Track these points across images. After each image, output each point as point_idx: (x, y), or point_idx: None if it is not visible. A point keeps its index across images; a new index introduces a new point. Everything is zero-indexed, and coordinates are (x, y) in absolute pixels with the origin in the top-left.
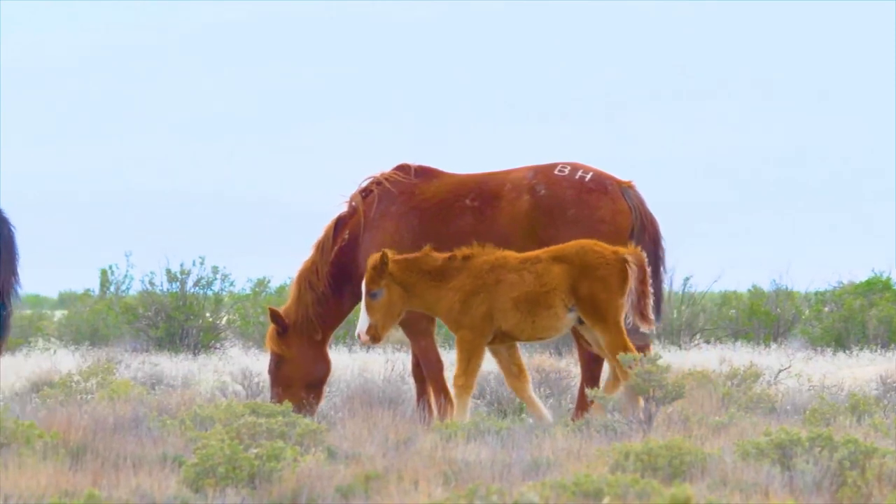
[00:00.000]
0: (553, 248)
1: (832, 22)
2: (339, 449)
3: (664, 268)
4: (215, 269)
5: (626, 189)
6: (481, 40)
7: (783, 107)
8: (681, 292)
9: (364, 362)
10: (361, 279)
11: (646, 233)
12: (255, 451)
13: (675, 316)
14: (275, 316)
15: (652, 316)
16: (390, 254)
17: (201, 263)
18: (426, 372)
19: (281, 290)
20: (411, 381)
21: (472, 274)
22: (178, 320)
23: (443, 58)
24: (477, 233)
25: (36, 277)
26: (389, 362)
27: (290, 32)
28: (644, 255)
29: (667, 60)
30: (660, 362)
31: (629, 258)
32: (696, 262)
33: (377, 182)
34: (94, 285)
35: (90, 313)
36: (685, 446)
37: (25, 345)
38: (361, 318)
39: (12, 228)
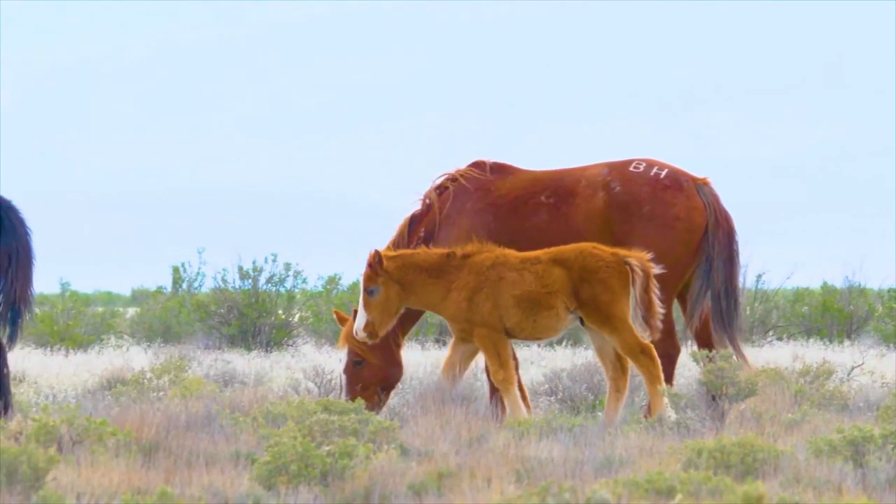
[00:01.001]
0: (553, 249)
1: None
2: (412, 446)
3: (739, 262)
4: (287, 267)
5: (700, 186)
6: (556, 38)
7: (857, 105)
8: (754, 289)
9: (437, 359)
10: None
11: (720, 229)
12: (327, 448)
13: (748, 313)
14: (341, 318)
15: (658, 325)
16: (384, 251)
17: (273, 261)
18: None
19: (353, 287)
20: (484, 378)
21: (474, 271)
22: (250, 317)
23: (517, 56)
24: (552, 230)
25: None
26: None
27: (361, 30)
28: (650, 262)
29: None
30: (733, 359)
31: (633, 262)
32: (768, 259)
33: (452, 179)
34: (167, 282)
35: (162, 310)
36: (758, 444)
37: (98, 342)
38: (358, 316)
39: (29, 232)
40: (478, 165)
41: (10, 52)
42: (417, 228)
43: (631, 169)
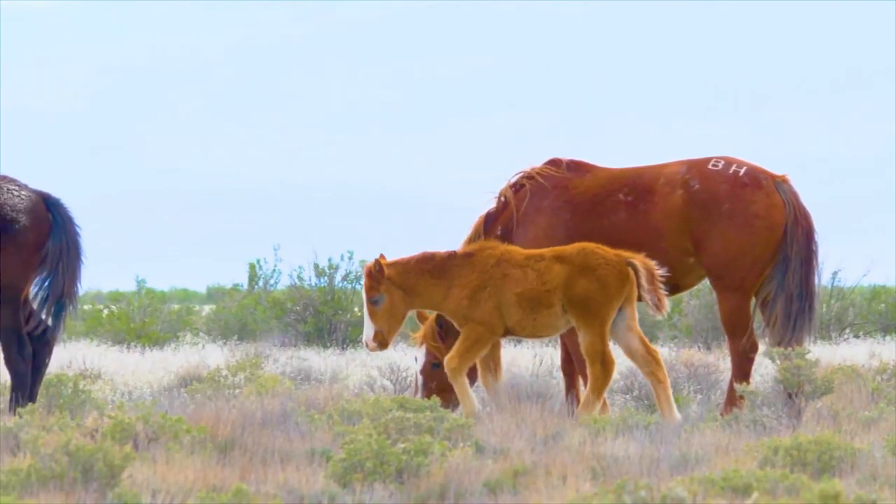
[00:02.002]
0: (556, 248)
1: None
2: (487, 444)
3: (817, 263)
4: (363, 264)
5: (780, 183)
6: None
7: None
8: (830, 287)
9: (512, 357)
10: None
11: (799, 227)
12: (402, 445)
13: (824, 310)
14: (439, 317)
15: (666, 305)
16: (384, 259)
17: (349, 258)
18: (577, 366)
19: None
20: (560, 375)
21: (478, 269)
22: (326, 315)
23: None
24: (630, 228)
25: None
26: (538, 357)
27: (436, 28)
28: (652, 261)
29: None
30: (809, 357)
31: (636, 263)
32: (845, 256)
33: (528, 177)
34: (243, 280)
35: (238, 308)
36: (834, 441)
37: (174, 339)
38: (366, 326)
39: (78, 230)
40: (554, 163)
41: (85, 50)
42: (493, 226)
43: (710, 167)
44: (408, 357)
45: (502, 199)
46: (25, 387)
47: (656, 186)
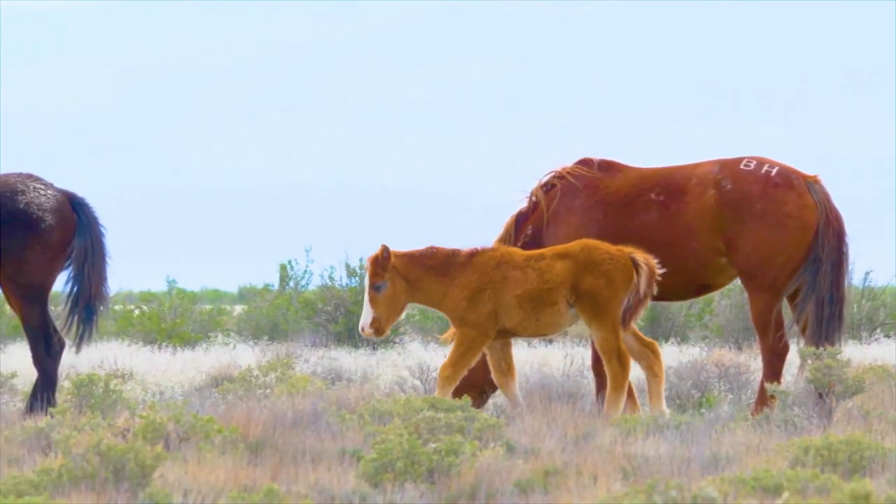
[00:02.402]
0: (558, 246)
1: None
2: (518, 444)
3: (847, 265)
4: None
5: (811, 184)
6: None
7: None
8: (861, 287)
9: (543, 357)
10: None
11: (830, 228)
12: (433, 445)
13: (854, 310)
14: None
15: (637, 319)
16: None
17: None
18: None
19: None
20: (591, 375)
21: (478, 270)
22: (357, 315)
23: (620, 53)
24: (662, 227)
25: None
26: (569, 357)
27: (467, 29)
28: (654, 260)
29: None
30: (840, 357)
31: (640, 260)
32: (876, 257)
33: (559, 176)
34: (274, 280)
35: (269, 308)
36: (865, 441)
37: (205, 340)
38: (365, 312)
39: (102, 230)
40: (585, 163)
41: (116, 50)
42: (524, 226)
43: (742, 167)
44: (439, 357)
45: (533, 198)
46: (53, 386)
47: (688, 186)
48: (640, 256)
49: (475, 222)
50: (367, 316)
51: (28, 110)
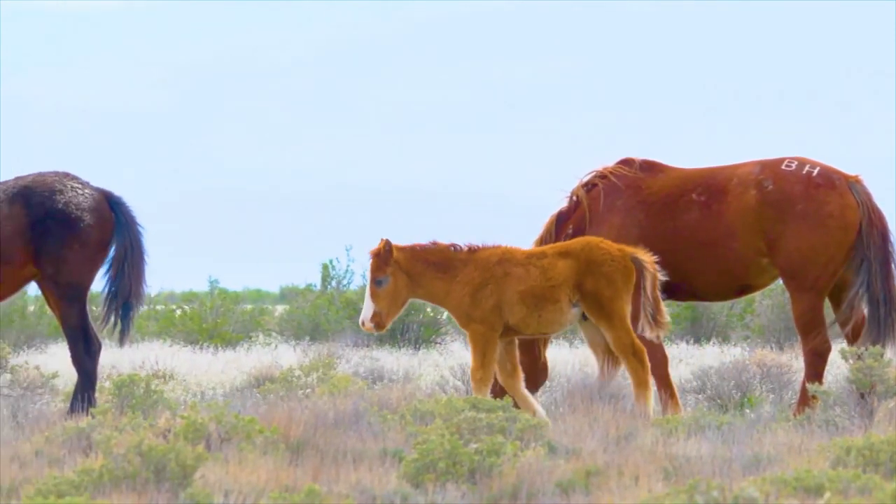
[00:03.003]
0: (559, 244)
1: None
2: (560, 444)
3: (894, 264)
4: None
5: (853, 184)
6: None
7: None
8: None
9: (585, 357)
10: None
11: (874, 228)
12: (475, 446)
13: None
14: None
15: (665, 320)
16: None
17: None
18: (650, 366)
19: None
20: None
21: (480, 267)
22: (398, 315)
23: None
24: (703, 228)
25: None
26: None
27: (513, 28)
28: (655, 260)
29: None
30: (881, 357)
31: (642, 260)
32: None
33: (601, 176)
34: (316, 280)
35: (311, 308)
36: None
37: (246, 340)
38: (365, 306)
39: (140, 229)
40: (627, 163)
41: (161, 50)
42: (565, 226)
43: (783, 167)
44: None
45: (574, 198)
46: (93, 386)
47: (729, 186)
48: (642, 256)
49: (516, 222)
50: (367, 310)
51: (73, 110)
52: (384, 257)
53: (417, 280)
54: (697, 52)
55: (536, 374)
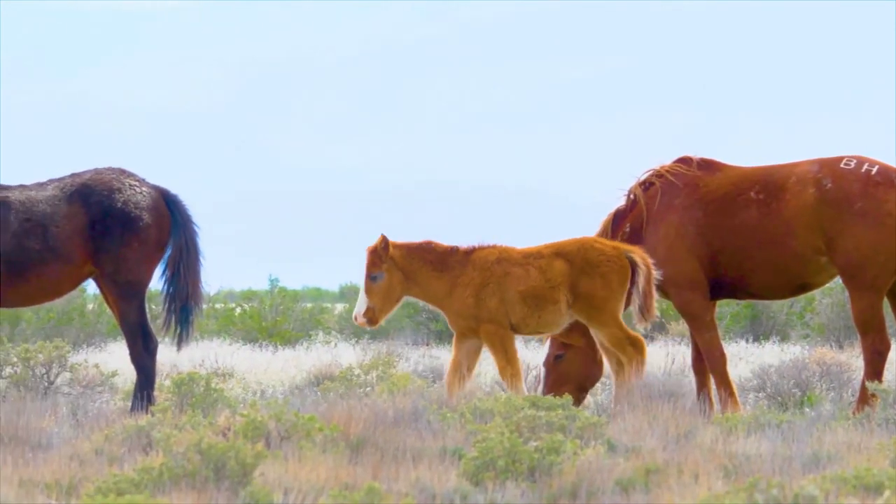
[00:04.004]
0: (554, 243)
1: None
2: (619, 442)
3: None
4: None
5: None
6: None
7: None
8: None
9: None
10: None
11: None
12: (534, 444)
13: None
14: None
15: (654, 312)
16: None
17: None
18: (709, 365)
19: None
20: (692, 373)
21: (479, 267)
22: None
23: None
24: (761, 226)
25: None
26: (670, 355)
27: (564, 27)
28: (650, 259)
29: None
30: None
31: (636, 258)
32: None
33: (658, 174)
34: None
35: None
36: None
37: (306, 338)
38: (359, 301)
39: (196, 228)
40: (684, 161)
41: (219, 49)
42: (622, 224)
43: (842, 165)
44: (540, 356)
45: (631, 196)
46: (152, 384)
47: (788, 185)
48: (638, 255)
49: (574, 220)
50: (361, 305)
51: (130, 109)
52: (380, 253)
53: (413, 278)
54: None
55: (592, 370)
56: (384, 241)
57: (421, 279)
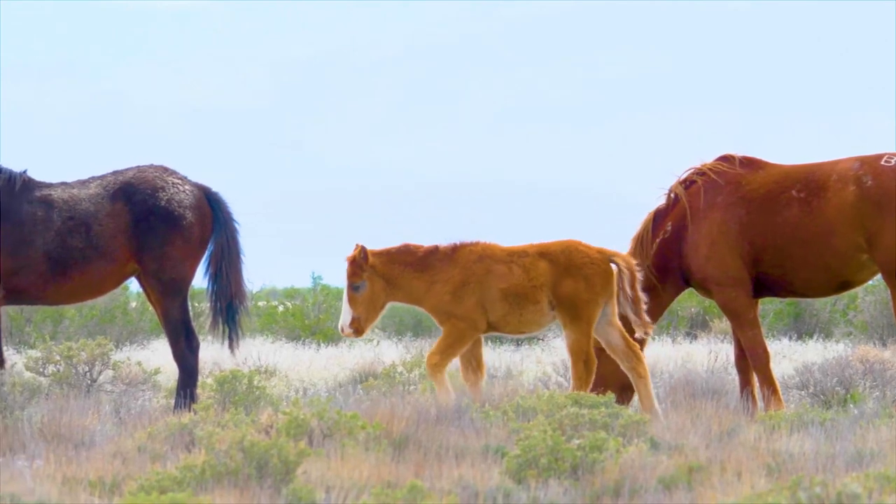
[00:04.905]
0: (539, 244)
1: None
2: (662, 440)
3: None
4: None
5: None
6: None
7: None
8: None
9: (687, 353)
10: (684, 272)
11: None
12: (577, 442)
13: None
14: None
15: (647, 319)
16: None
17: None
18: (752, 362)
19: None
20: (735, 371)
21: (460, 265)
22: None
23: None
24: (803, 224)
25: None
26: (713, 353)
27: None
28: (633, 260)
29: None
30: None
31: (619, 262)
32: None
33: (700, 173)
34: None
35: None
36: None
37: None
38: (344, 312)
39: (236, 226)
40: (726, 159)
41: (262, 47)
42: (663, 223)
43: (882, 163)
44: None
45: (672, 195)
46: (195, 381)
47: (829, 183)
48: (620, 259)
49: (618, 218)
50: (346, 316)
51: (174, 106)
52: (359, 263)
53: (395, 283)
54: (797, 49)
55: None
56: (362, 250)
57: (403, 282)
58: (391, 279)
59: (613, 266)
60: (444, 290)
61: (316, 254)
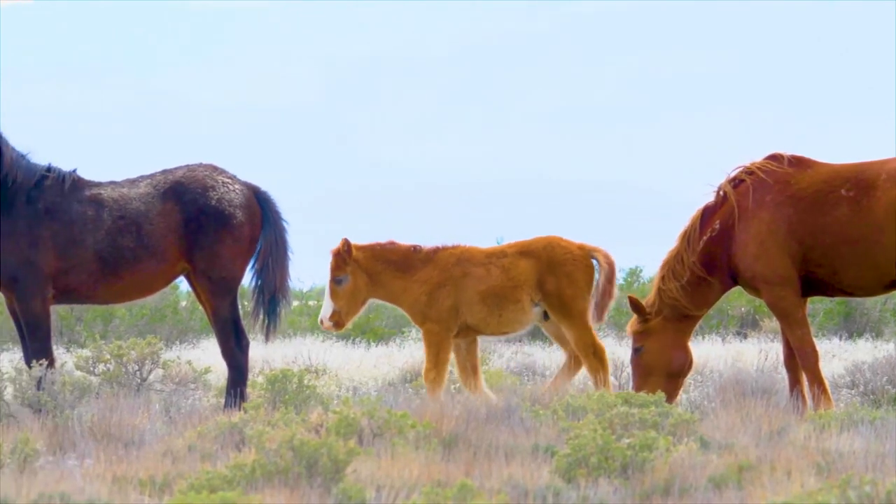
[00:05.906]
0: (519, 242)
1: None
2: (712, 439)
3: None
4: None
5: None
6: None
7: None
8: None
9: (738, 352)
10: (732, 270)
11: None
12: (627, 441)
13: None
14: (635, 305)
15: (606, 313)
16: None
17: None
18: (801, 362)
19: (653, 279)
20: (784, 370)
21: (439, 266)
22: None
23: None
24: (852, 223)
25: None
26: (763, 352)
27: (656, 25)
28: (611, 255)
29: None
30: None
31: (598, 256)
32: None
33: (748, 171)
34: None
35: None
36: None
37: (399, 335)
38: (325, 304)
39: (285, 225)
40: (775, 158)
41: (315, 46)
42: (711, 220)
43: None
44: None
45: (721, 193)
46: (244, 380)
47: (878, 182)
48: (601, 254)
49: (667, 216)
50: (326, 309)
51: (223, 105)
52: (343, 256)
53: (377, 279)
54: (845, 48)
55: (676, 355)
56: (347, 244)
57: (384, 280)
58: (373, 275)
59: (594, 261)
60: (420, 290)
61: None
